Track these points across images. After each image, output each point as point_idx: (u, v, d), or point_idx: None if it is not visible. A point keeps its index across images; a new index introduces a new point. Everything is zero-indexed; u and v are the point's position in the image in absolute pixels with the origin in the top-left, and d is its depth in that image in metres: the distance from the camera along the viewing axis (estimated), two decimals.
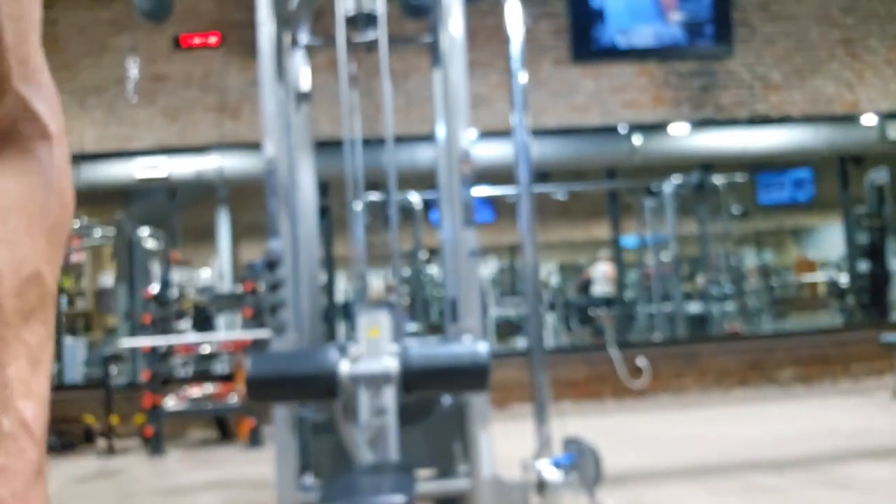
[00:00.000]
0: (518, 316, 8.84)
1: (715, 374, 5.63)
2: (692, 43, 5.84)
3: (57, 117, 0.53)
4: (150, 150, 5.59)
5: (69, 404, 5.18)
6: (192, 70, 5.58)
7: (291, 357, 2.18)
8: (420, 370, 1.98)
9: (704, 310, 7.05)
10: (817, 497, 2.90)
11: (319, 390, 1.95)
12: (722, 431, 4.26)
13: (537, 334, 3.01)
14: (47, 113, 0.52)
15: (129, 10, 4.74)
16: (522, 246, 3.05)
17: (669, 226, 7.17)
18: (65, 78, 5.52)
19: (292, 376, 1.98)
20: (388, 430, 1.98)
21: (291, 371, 1.97)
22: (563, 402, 5.00)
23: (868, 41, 6.02)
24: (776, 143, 6.28)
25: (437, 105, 2.81)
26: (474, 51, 5.54)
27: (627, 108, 5.84)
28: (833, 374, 5.72)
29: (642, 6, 5.80)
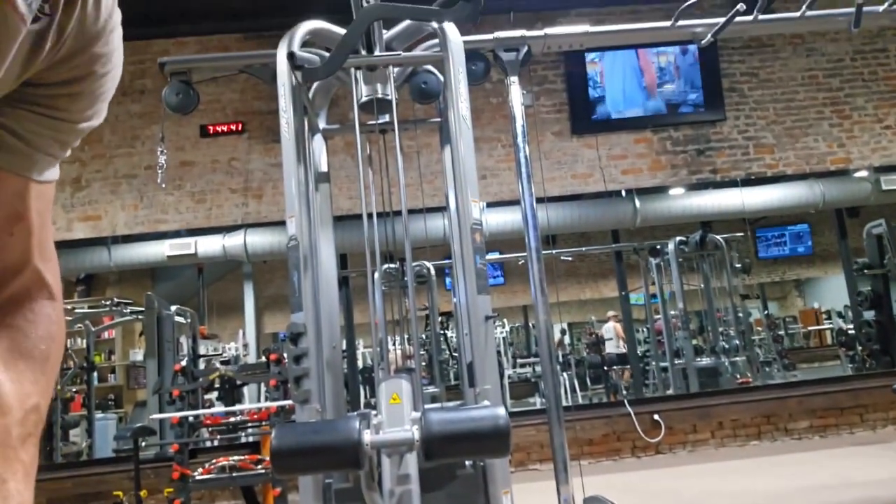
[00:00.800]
0: (533, 374, 8.92)
1: (730, 426, 5.69)
2: (685, 111, 6.18)
3: (58, 283, 0.68)
4: (178, 230, 5.94)
5: (99, 480, 5.31)
6: (217, 155, 5.96)
7: (315, 428, 2.11)
8: (441, 437, 1.95)
9: (715, 363, 7.14)
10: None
11: (343, 460, 1.94)
12: (741, 485, 4.28)
13: (554, 393, 3.05)
14: (54, 281, 0.67)
15: (158, 103, 5.14)
16: (534, 307, 3.19)
17: (675, 282, 7.35)
18: (99, 166, 5.92)
19: (316, 447, 1.97)
20: (411, 497, 1.98)
21: (315, 442, 1.95)
22: (583, 459, 5.06)
23: (855, 100, 6.33)
24: (773, 199, 6.54)
25: (448, 179, 2.92)
26: (480, 128, 5.93)
27: (627, 173, 6.13)
28: (849, 424, 5.75)
29: (632, 90, 6.18)
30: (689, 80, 6.19)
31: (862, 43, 6.41)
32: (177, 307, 6.36)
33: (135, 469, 4.87)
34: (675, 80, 6.16)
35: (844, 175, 6.52)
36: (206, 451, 5.56)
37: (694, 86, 6.19)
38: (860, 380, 6.14)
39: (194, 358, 5.39)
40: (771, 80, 6.31)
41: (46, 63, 0.55)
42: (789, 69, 6.33)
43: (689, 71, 6.18)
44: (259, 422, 5.09)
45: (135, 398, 6.97)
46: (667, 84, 6.16)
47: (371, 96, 2.82)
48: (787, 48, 6.37)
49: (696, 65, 6.20)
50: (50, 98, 0.58)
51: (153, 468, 5.26)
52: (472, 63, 3.34)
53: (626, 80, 6.15)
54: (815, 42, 6.39)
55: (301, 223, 2.56)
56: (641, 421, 5.55)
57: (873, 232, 6.77)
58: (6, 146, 0.58)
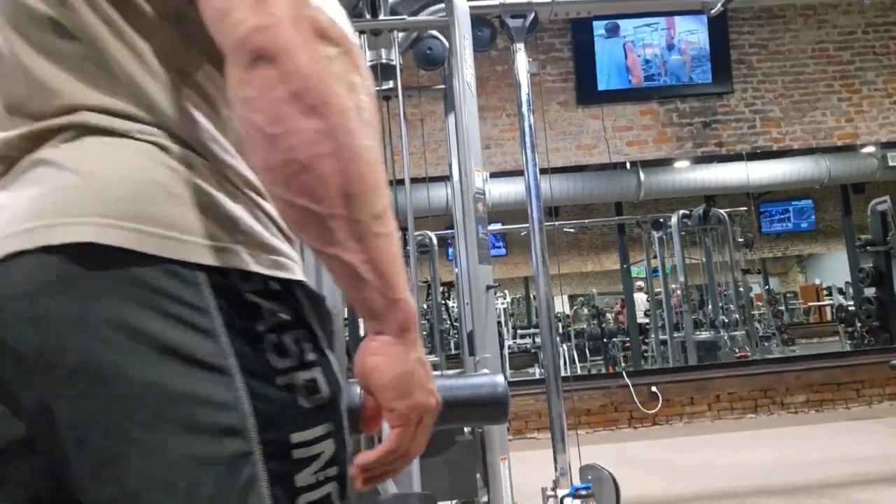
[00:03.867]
0: (533, 345, 8.99)
1: (727, 400, 5.74)
2: (692, 82, 6.11)
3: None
4: None
5: None
6: None
7: None
8: (441, 404, 2.04)
9: (714, 336, 7.18)
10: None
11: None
12: (736, 458, 4.32)
13: (553, 364, 3.07)
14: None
15: None
16: (535, 278, 3.20)
17: (677, 256, 7.36)
18: None
19: None
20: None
21: None
22: (580, 429, 5.13)
23: (865, 74, 6.25)
24: (778, 174, 6.51)
25: (451, 148, 2.89)
26: (485, 96, 5.87)
27: (632, 145, 6.08)
28: (845, 399, 5.80)
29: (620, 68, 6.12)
30: (698, 51, 6.11)
31: (874, 15, 6.31)
32: None
33: None
34: (661, 75, 6.07)
35: (851, 150, 6.47)
36: None
37: (702, 57, 6.11)
38: (858, 356, 6.18)
39: None
40: (780, 52, 6.22)
41: None
42: (799, 41, 6.24)
43: (674, 65, 6.09)
44: None
45: None
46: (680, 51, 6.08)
47: (375, 61, 2.80)
48: (797, 19, 6.26)
49: (681, 60, 6.10)
50: None
51: None
52: (477, 29, 3.29)
53: (611, 77, 6.08)
54: (826, 14, 6.29)
55: None
56: (639, 392, 5.60)
57: (877, 209, 6.74)
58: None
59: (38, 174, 0.56)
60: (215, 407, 0.53)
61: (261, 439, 0.54)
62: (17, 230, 0.53)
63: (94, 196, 0.54)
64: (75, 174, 0.55)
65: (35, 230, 0.52)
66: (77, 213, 0.53)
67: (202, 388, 0.53)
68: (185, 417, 0.52)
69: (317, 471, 0.57)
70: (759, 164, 6.44)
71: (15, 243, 0.52)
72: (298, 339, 0.59)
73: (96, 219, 0.53)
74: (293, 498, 0.55)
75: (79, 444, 0.52)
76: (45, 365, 0.52)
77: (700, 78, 6.10)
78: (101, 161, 0.55)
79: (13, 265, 0.52)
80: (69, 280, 0.52)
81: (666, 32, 6.10)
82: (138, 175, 0.55)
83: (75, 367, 0.51)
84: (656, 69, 6.06)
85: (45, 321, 0.51)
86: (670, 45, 6.09)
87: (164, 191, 0.55)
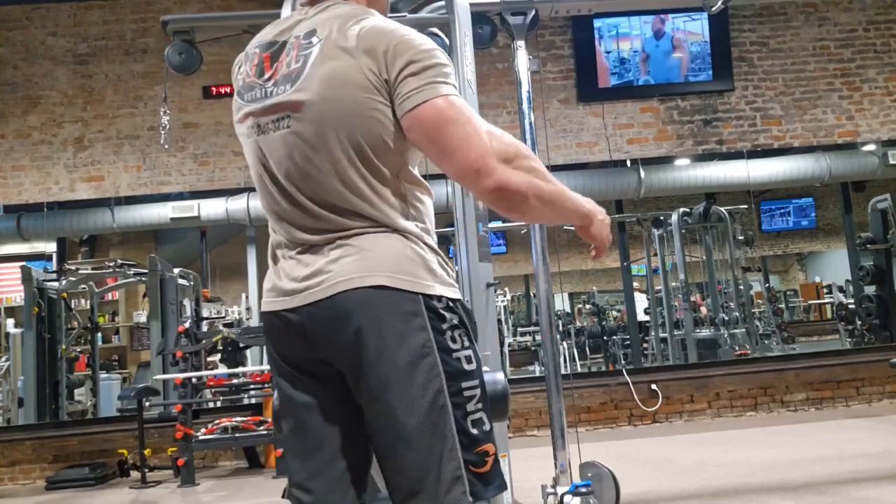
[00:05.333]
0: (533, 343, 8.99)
1: (727, 397, 5.75)
2: (693, 80, 6.10)
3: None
4: (181, 193, 5.93)
5: (104, 438, 5.40)
6: (220, 117, 5.92)
7: None
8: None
9: (714, 334, 7.18)
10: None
11: None
12: (736, 455, 4.32)
13: (553, 361, 3.08)
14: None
15: (161, 63, 5.09)
16: (536, 276, 3.21)
17: (678, 253, 7.36)
18: (101, 126, 5.88)
19: None
20: None
21: None
22: (580, 427, 5.13)
23: (866, 72, 6.24)
24: (778, 172, 6.50)
25: None
26: (486, 93, 5.87)
27: (633, 143, 6.08)
28: (845, 397, 5.80)
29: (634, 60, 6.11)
30: (699, 48, 6.10)
31: (875, 13, 6.30)
32: (180, 270, 6.39)
33: (139, 428, 4.96)
34: (640, 75, 6.06)
35: (852, 148, 6.46)
36: (208, 412, 5.64)
37: (703, 55, 6.10)
38: (858, 354, 6.18)
39: (197, 320, 5.42)
40: (781, 49, 6.22)
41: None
42: (800, 39, 6.24)
43: (660, 57, 6.07)
44: (261, 384, 5.16)
45: (138, 359, 7.05)
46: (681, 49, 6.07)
47: None
48: (798, 17, 6.26)
49: (670, 54, 6.10)
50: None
51: (157, 428, 5.34)
52: (478, 26, 3.30)
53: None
54: (827, 11, 6.28)
55: None
56: (639, 390, 5.61)
57: (878, 206, 6.74)
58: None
59: (351, 250, 1.17)
60: (431, 365, 1.13)
61: (448, 385, 1.13)
62: (350, 277, 1.15)
63: (381, 262, 1.15)
64: (370, 251, 1.16)
65: (364, 278, 1.14)
66: (376, 270, 1.15)
67: (426, 354, 1.13)
68: (421, 363, 1.12)
69: (475, 402, 1.16)
70: (760, 161, 6.43)
71: (357, 282, 1.14)
72: (461, 333, 1.18)
73: (385, 273, 1.15)
74: (465, 416, 1.14)
75: (374, 364, 1.12)
76: (373, 334, 1.12)
77: (700, 76, 6.09)
78: (381, 245, 1.17)
79: (356, 292, 1.14)
80: (381, 298, 1.13)
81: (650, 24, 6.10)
82: (398, 252, 1.17)
83: (388, 334, 1.12)
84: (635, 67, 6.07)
85: (375, 316, 1.13)
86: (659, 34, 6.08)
87: (407, 258, 1.17)
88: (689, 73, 6.11)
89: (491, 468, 1.15)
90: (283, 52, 1.23)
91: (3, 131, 5.85)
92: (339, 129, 1.15)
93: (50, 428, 5.61)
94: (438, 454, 1.11)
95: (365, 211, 1.17)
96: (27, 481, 5.32)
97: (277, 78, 1.21)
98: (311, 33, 1.20)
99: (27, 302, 5.83)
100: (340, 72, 1.14)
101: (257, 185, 1.28)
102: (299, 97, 1.16)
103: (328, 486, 1.21)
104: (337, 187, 1.16)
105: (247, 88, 1.26)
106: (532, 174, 1.14)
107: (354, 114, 1.14)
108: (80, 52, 5.94)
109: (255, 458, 5.30)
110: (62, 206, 6.04)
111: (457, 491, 1.11)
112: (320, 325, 1.16)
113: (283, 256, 1.25)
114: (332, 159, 1.16)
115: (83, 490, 4.92)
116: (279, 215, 1.24)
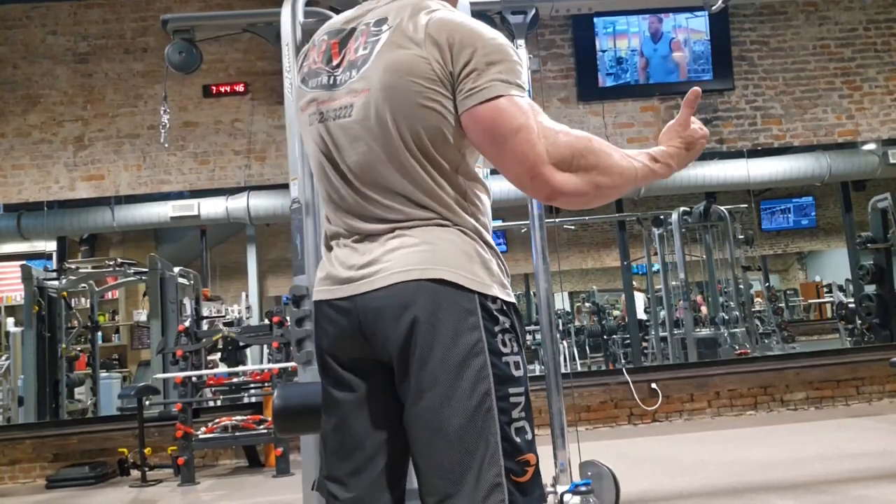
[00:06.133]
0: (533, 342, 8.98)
1: (727, 396, 5.75)
2: (693, 79, 6.10)
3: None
4: (181, 192, 5.93)
5: (104, 437, 5.41)
6: (220, 116, 5.92)
7: (317, 388, 2.22)
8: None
9: (714, 333, 7.18)
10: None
11: None
12: (736, 454, 4.32)
13: (553, 360, 3.09)
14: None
15: (161, 62, 5.09)
16: (536, 275, 3.21)
17: (678, 253, 7.36)
18: (102, 125, 5.88)
19: (318, 407, 2.11)
20: None
21: (317, 402, 2.02)
22: (580, 426, 5.14)
23: (866, 71, 6.24)
24: (779, 171, 6.50)
25: None
26: None
27: (633, 142, 6.08)
28: (845, 396, 5.80)
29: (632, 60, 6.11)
30: (699, 47, 6.09)
31: (876, 12, 6.29)
32: (180, 269, 6.39)
33: (139, 427, 4.96)
34: (637, 73, 6.05)
35: (852, 147, 6.46)
36: (209, 410, 5.64)
37: (703, 54, 6.09)
38: (858, 353, 6.18)
39: (197, 319, 5.42)
40: (782, 48, 6.21)
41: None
42: (801, 38, 6.23)
43: (659, 59, 6.07)
44: (261, 383, 5.16)
45: (138, 358, 7.05)
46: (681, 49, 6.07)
47: None
48: (799, 16, 6.25)
49: (668, 57, 6.09)
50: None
51: (157, 427, 5.35)
52: None
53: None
54: (828, 10, 6.27)
55: (304, 186, 2.57)
56: (639, 389, 5.61)
57: (878, 206, 6.73)
58: None
59: (410, 241, 1.15)
60: (481, 365, 1.10)
61: (496, 388, 1.10)
62: (409, 268, 1.12)
63: (441, 256, 1.13)
64: (431, 244, 1.14)
65: (424, 271, 1.12)
66: (436, 263, 1.13)
67: (477, 354, 1.10)
68: (471, 363, 1.10)
69: (519, 409, 1.13)
70: (760, 160, 6.43)
71: (416, 274, 1.12)
72: (512, 338, 1.15)
73: (444, 267, 1.12)
74: (510, 422, 1.11)
75: (425, 359, 1.10)
76: (427, 328, 1.10)
77: (701, 75, 6.09)
78: (441, 238, 1.15)
79: (415, 283, 1.11)
80: (439, 293, 1.11)
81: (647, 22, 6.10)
82: (457, 247, 1.15)
83: (442, 329, 1.10)
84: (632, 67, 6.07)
85: (431, 310, 1.10)
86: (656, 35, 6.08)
87: (467, 254, 1.15)
88: (690, 73, 6.10)
89: (531, 478, 1.11)
90: (350, 38, 1.21)
91: (3, 130, 5.85)
92: (399, 118, 1.13)
93: (50, 427, 5.62)
94: (480, 458, 1.08)
95: (424, 202, 1.15)
96: (27, 480, 5.33)
97: (344, 65, 1.19)
98: (381, 21, 1.18)
99: (27, 301, 5.84)
100: (406, 61, 1.12)
101: (316, 173, 1.26)
102: (362, 85, 1.15)
103: (366, 484, 1.20)
104: (397, 177, 1.15)
105: (312, 75, 1.24)
106: (592, 172, 1.12)
107: (416, 104, 1.12)
108: (80, 51, 5.94)
109: (255, 457, 5.30)
110: (62, 205, 6.04)
111: (495, 498, 1.07)
112: (374, 315, 1.14)
113: (338, 245, 1.24)
114: (392, 149, 1.14)
115: (83, 489, 4.92)
116: (337, 204, 1.22)
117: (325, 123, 1.20)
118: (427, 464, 1.11)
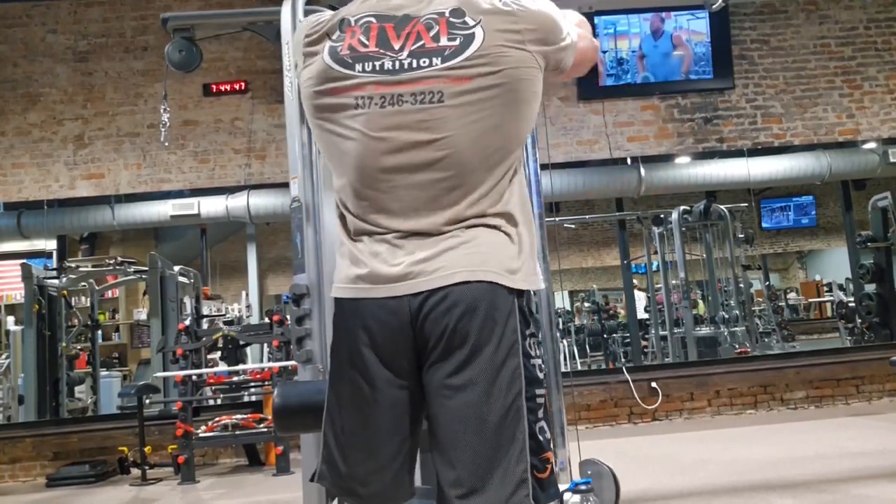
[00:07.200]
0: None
1: (727, 395, 5.75)
2: (693, 78, 6.09)
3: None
4: (181, 190, 5.93)
5: (104, 436, 5.41)
6: (220, 115, 5.92)
7: (317, 387, 2.15)
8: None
9: (714, 332, 7.18)
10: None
11: None
12: (736, 453, 4.32)
13: (553, 359, 3.05)
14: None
15: (161, 60, 5.08)
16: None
17: (678, 252, 7.35)
18: (102, 124, 5.88)
19: (318, 406, 2.05)
20: None
21: (317, 401, 1.96)
22: (580, 424, 5.14)
23: (866, 70, 6.23)
24: (779, 170, 6.50)
25: None
26: None
27: (633, 141, 6.08)
28: (845, 395, 5.80)
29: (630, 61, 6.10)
30: (699, 46, 6.09)
31: (876, 11, 6.29)
32: (180, 267, 6.39)
33: (139, 426, 4.96)
34: (637, 73, 6.05)
35: (852, 146, 6.46)
36: (209, 409, 5.64)
37: (703, 53, 6.09)
38: (858, 352, 6.18)
39: (197, 318, 5.41)
40: (782, 47, 6.21)
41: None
42: (801, 37, 6.23)
43: (659, 57, 6.06)
44: (261, 382, 5.16)
45: (138, 357, 7.05)
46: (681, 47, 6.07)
47: None
48: (799, 15, 6.25)
49: (669, 54, 6.09)
50: None
51: (157, 425, 5.35)
52: None
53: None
54: (828, 9, 6.27)
55: (304, 185, 2.55)
56: (639, 388, 5.61)
57: (878, 205, 6.73)
58: None
59: (465, 238, 1.18)
60: (516, 366, 1.15)
61: (526, 389, 1.16)
62: (467, 269, 1.15)
63: (496, 258, 1.17)
64: (488, 245, 1.17)
65: (476, 272, 1.15)
66: (489, 266, 1.16)
67: (514, 354, 1.16)
68: (509, 363, 1.15)
69: (542, 410, 1.19)
70: (760, 159, 6.42)
71: (470, 276, 1.14)
72: (536, 342, 1.23)
73: (499, 271, 1.16)
74: (535, 421, 1.17)
75: (471, 357, 1.12)
76: (477, 328, 1.13)
77: (701, 74, 6.08)
78: (496, 241, 1.18)
79: (470, 285, 1.14)
80: (492, 295, 1.15)
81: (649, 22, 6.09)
82: (510, 251, 1.19)
83: (493, 331, 1.14)
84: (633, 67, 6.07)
85: (483, 312, 1.13)
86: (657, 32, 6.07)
87: (513, 257, 1.19)
88: (691, 72, 6.09)
89: (550, 475, 1.17)
90: (408, 24, 1.17)
91: (3, 129, 5.85)
92: (496, 116, 1.15)
93: (50, 425, 5.62)
94: (509, 454, 1.12)
95: (482, 203, 1.17)
96: (28, 478, 5.33)
97: (418, 51, 1.15)
98: (459, 12, 1.17)
99: (27, 299, 5.84)
100: (516, 58, 1.16)
101: (354, 159, 1.18)
102: (461, 73, 1.13)
103: (388, 480, 1.22)
104: (464, 173, 1.15)
105: (361, 58, 1.17)
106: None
107: (522, 101, 1.18)
108: (80, 50, 5.93)
109: (255, 455, 5.30)
110: (62, 204, 6.04)
111: (521, 493, 1.12)
112: (424, 315, 1.14)
113: (373, 241, 1.20)
114: (478, 145, 1.14)
115: (83, 487, 4.92)
116: (373, 196, 1.18)
117: (385, 108, 1.14)
118: (456, 456, 1.13)
